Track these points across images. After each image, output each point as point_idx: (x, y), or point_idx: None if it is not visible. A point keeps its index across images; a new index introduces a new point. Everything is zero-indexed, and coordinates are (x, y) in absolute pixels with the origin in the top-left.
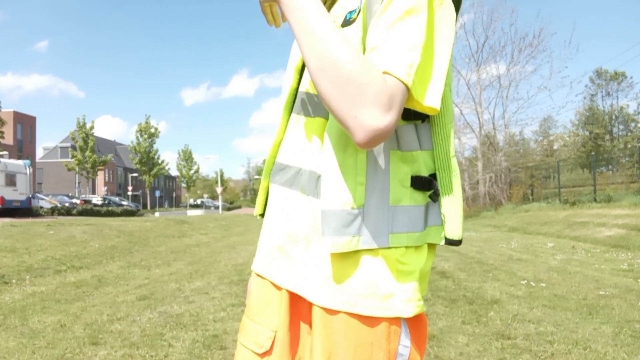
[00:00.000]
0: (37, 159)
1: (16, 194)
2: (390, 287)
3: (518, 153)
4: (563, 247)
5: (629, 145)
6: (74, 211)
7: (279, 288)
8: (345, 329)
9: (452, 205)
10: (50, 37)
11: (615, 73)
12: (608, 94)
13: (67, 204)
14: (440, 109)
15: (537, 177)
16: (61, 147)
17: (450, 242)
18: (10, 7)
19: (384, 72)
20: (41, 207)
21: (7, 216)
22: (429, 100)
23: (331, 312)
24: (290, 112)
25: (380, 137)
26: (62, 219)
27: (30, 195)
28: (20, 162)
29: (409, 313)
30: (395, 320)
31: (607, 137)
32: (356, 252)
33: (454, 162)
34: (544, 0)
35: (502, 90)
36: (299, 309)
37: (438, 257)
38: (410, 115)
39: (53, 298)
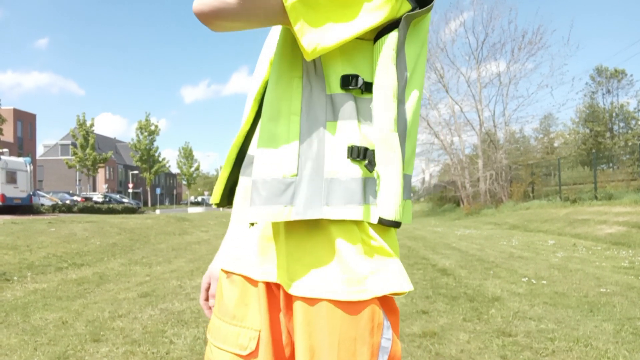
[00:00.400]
0: (38, 157)
1: (17, 192)
2: (366, 267)
3: (518, 151)
4: (564, 244)
5: (630, 143)
6: (75, 208)
7: (254, 284)
8: (327, 321)
9: (388, 183)
10: (51, 35)
11: (616, 70)
12: (608, 91)
13: (67, 202)
14: (382, 73)
15: (538, 175)
16: (61, 145)
17: (383, 221)
18: (11, 4)
19: None
20: (42, 205)
21: (8, 213)
22: (306, 40)
23: (312, 302)
24: (260, 103)
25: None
26: (63, 216)
27: (31, 193)
28: (21, 159)
29: (387, 290)
30: (377, 309)
31: (608, 134)
32: (326, 236)
33: (393, 136)
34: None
35: (503, 87)
36: (277, 304)
37: (439, 254)
38: (349, 84)
39: (54, 295)
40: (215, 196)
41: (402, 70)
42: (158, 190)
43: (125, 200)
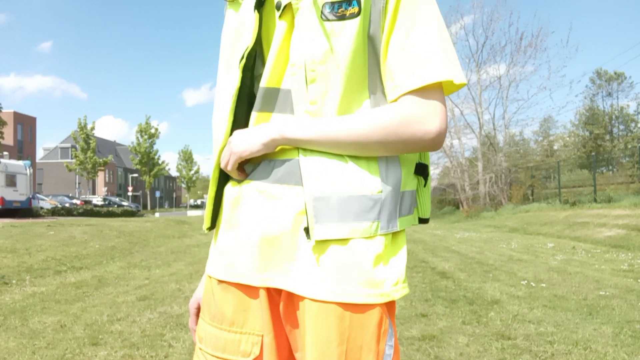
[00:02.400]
0: (38, 160)
1: (16, 195)
2: (384, 272)
3: (518, 153)
4: (563, 247)
5: (629, 146)
6: (74, 212)
7: (253, 290)
8: (337, 324)
9: (427, 189)
10: (55, 38)
11: (615, 73)
12: (608, 94)
13: (67, 205)
14: None
15: (537, 178)
16: (61, 148)
17: (422, 220)
18: (15, 8)
19: (420, 89)
20: (41, 208)
21: (8, 217)
22: (461, 78)
23: (323, 305)
24: (238, 110)
25: (444, 132)
26: (62, 219)
27: (31, 196)
28: (21, 162)
29: (397, 295)
30: (385, 311)
31: (607, 137)
32: (346, 239)
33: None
34: (542, 1)
35: (502, 90)
36: (278, 308)
37: (438, 257)
38: None
39: (53, 298)
40: (207, 220)
41: None
42: (157, 194)
43: (124, 203)
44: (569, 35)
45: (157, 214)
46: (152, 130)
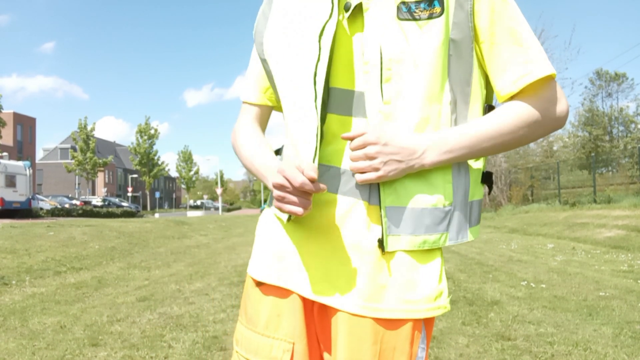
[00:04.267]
0: (37, 160)
1: (16, 195)
2: (440, 286)
3: (518, 154)
4: (563, 248)
5: (629, 147)
6: (74, 212)
7: (288, 295)
8: (372, 335)
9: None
10: (57, 39)
11: (616, 74)
12: (608, 95)
13: (67, 205)
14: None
15: (537, 178)
16: (61, 149)
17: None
18: (17, 9)
19: (549, 76)
20: (41, 209)
21: (7, 217)
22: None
23: (359, 319)
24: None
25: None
26: (62, 220)
27: (30, 197)
28: (20, 163)
29: (448, 305)
30: (420, 321)
31: (607, 138)
32: (401, 255)
33: None
34: (544, 2)
35: None
36: (313, 317)
37: None
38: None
39: (53, 299)
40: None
41: None
42: (157, 194)
43: (124, 204)
44: (571, 37)
45: (156, 215)
46: (152, 131)
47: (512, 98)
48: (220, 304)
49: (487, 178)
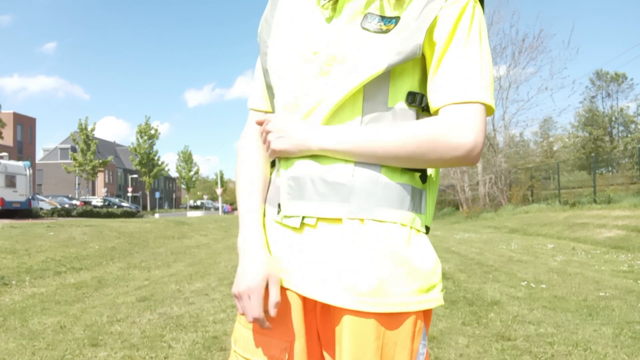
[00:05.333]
0: (37, 161)
1: (16, 196)
2: (434, 278)
3: (518, 154)
4: (563, 248)
5: (629, 147)
6: (74, 212)
7: (285, 294)
8: (374, 330)
9: (432, 193)
10: (59, 39)
11: (616, 74)
12: (608, 95)
13: (66, 205)
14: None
15: (537, 179)
16: (61, 149)
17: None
18: (19, 9)
19: (479, 102)
20: (41, 209)
21: (7, 217)
22: (493, 102)
23: (364, 315)
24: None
25: (482, 142)
26: (62, 220)
27: (30, 197)
28: (20, 163)
29: (441, 300)
30: (421, 315)
31: (607, 138)
32: (397, 250)
33: None
34: (544, 2)
35: (502, 91)
36: (315, 315)
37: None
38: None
39: (53, 299)
40: None
41: None
42: (157, 194)
43: (124, 204)
44: (570, 36)
45: (156, 215)
46: (152, 131)
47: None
48: (220, 304)
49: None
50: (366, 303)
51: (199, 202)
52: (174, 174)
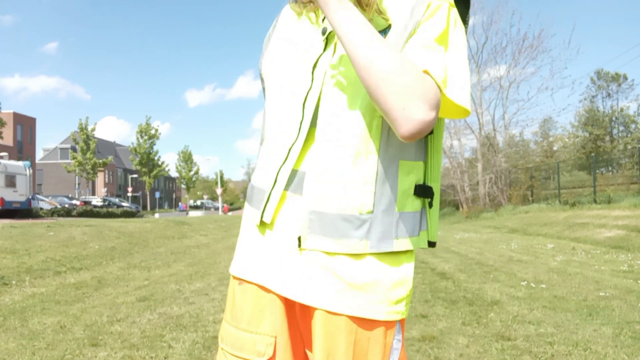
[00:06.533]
0: (37, 161)
1: (16, 195)
2: (400, 292)
3: (518, 154)
4: (563, 248)
5: (629, 147)
6: (74, 212)
7: (268, 291)
8: (346, 328)
9: (435, 211)
10: (61, 39)
11: (616, 74)
12: (608, 95)
13: (66, 205)
14: (439, 122)
15: (537, 178)
16: (61, 149)
17: (431, 244)
18: (21, 9)
19: (424, 71)
20: (41, 209)
21: (7, 217)
22: (462, 101)
23: (334, 314)
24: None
25: (425, 130)
26: (62, 220)
27: (30, 197)
28: (20, 163)
29: (406, 314)
30: (389, 325)
31: (607, 138)
32: (366, 258)
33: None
34: (544, 1)
35: (503, 91)
36: (295, 313)
37: (438, 258)
38: None
39: (53, 299)
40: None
41: None
42: (157, 194)
43: (124, 204)
44: (570, 36)
45: (156, 215)
46: (152, 131)
47: None
48: (220, 304)
49: (421, 191)
50: (338, 304)
51: (198, 202)
52: (174, 174)
